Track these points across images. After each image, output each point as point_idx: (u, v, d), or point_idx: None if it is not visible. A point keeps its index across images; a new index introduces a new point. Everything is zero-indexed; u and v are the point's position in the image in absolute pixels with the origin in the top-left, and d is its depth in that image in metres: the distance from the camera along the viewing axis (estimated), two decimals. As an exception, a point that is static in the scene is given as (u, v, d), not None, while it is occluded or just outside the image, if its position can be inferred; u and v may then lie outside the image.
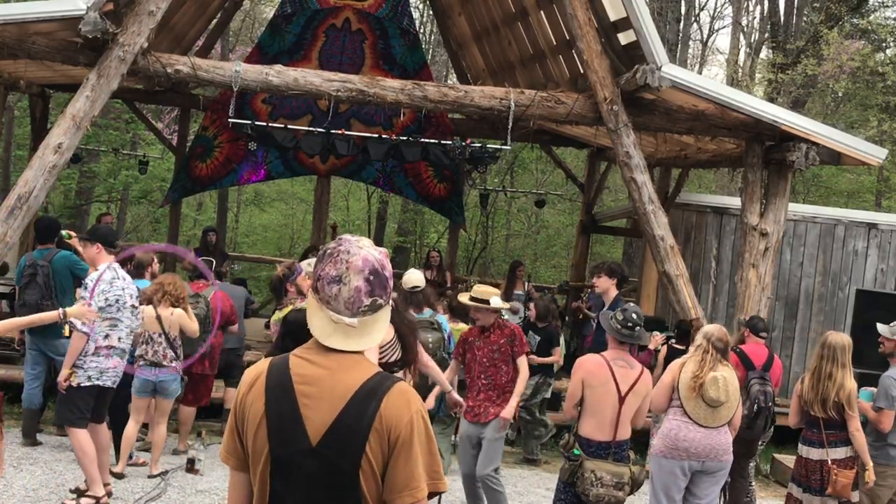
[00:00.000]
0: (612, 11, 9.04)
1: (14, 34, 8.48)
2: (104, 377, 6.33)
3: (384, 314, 2.40)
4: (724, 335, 5.96)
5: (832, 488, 6.02)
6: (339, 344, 2.33)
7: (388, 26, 12.48)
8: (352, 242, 2.38)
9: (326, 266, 2.35)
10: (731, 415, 5.87)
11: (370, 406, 2.26)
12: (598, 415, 5.48)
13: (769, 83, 19.37)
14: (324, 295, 2.35)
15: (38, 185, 8.30)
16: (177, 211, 14.54)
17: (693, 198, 12.50)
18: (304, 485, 2.29)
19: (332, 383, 2.30)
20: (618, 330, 5.55)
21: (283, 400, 2.31)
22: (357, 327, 2.34)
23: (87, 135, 10.43)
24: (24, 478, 6.88)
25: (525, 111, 9.15)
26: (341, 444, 2.26)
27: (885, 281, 11.42)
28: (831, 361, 6.07)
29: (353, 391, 2.28)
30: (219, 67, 9.04)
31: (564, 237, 23.11)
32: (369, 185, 18.24)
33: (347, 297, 2.32)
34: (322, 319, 2.35)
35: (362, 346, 2.36)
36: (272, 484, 2.32)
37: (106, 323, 6.29)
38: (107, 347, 6.31)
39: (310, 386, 2.31)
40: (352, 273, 2.33)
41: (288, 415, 2.30)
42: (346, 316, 2.33)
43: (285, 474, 2.30)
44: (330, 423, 2.27)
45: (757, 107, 9.11)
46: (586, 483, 5.41)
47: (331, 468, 2.26)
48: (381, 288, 2.35)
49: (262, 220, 26.35)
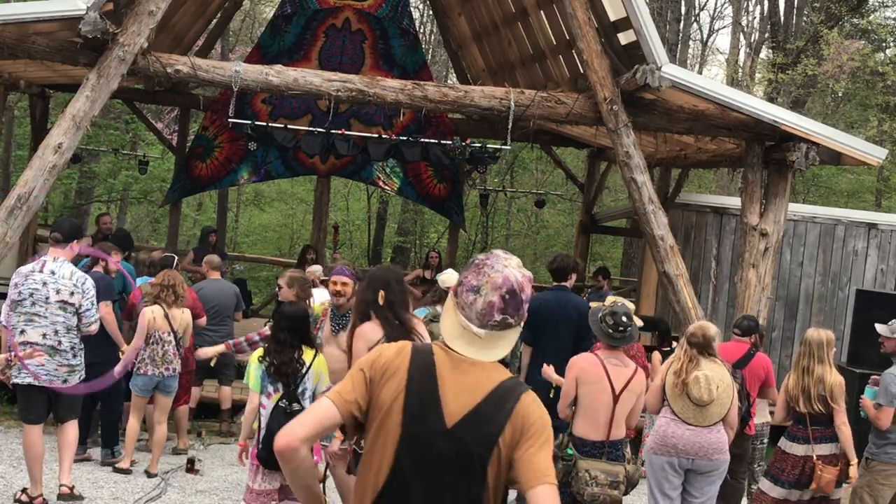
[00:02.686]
0: (612, 11, 9.04)
1: (14, 34, 8.48)
2: (22, 374, 6.14)
3: (511, 334, 2.50)
4: (704, 332, 5.89)
5: (816, 484, 6.05)
6: (460, 348, 2.47)
7: (388, 26, 12.48)
8: (499, 258, 2.50)
9: (469, 275, 2.49)
10: (724, 413, 5.84)
11: (508, 401, 2.42)
12: (593, 414, 5.48)
13: (769, 83, 19.37)
14: (461, 300, 2.48)
15: (38, 185, 8.29)
16: (177, 211, 14.53)
17: (693, 198, 12.50)
18: (435, 465, 2.40)
19: (474, 376, 2.45)
20: (610, 335, 5.55)
21: (426, 381, 2.44)
22: (483, 339, 2.46)
23: (87, 135, 10.44)
24: (24, 478, 6.87)
25: (525, 111, 9.15)
26: (478, 431, 2.40)
27: (885, 281, 11.42)
28: (808, 357, 6.21)
29: (494, 385, 2.43)
30: (219, 67, 9.04)
31: (564, 237, 23.12)
32: (369, 185, 18.23)
33: (481, 308, 2.44)
34: (453, 322, 2.49)
35: (483, 357, 2.47)
36: (398, 458, 2.42)
37: (22, 318, 6.12)
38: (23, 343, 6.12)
39: (453, 374, 2.44)
40: (489, 287, 2.44)
41: (428, 396, 2.42)
42: (475, 325, 2.45)
43: (417, 452, 2.41)
44: (468, 410, 2.41)
45: (757, 107, 9.11)
46: (581, 483, 5.41)
47: (464, 452, 2.39)
48: (515, 308, 2.46)
49: (262, 220, 26.35)
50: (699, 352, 5.83)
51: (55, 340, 6.15)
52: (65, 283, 6.14)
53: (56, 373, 6.18)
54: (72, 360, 6.24)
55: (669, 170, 12.78)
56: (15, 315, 6.14)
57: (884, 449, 6.36)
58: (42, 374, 6.13)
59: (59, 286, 6.13)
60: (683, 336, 6.04)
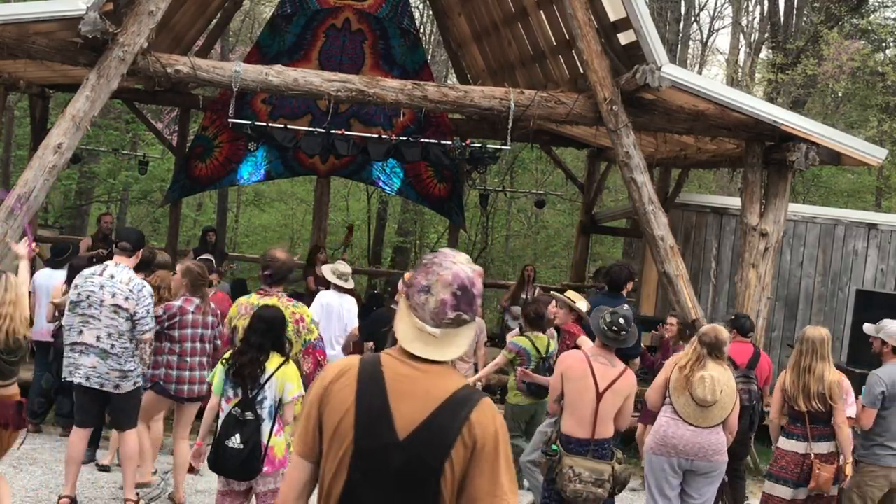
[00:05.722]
0: (612, 11, 9.04)
1: (14, 34, 8.48)
2: (76, 374, 6.26)
3: (467, 330, 2.47)
4: (717, 334, 5.94)
5: (815, 482, 6.06)
6: (418, 350, 2.42)
7: (388, 26, 12.47)
8: (447, 256, 2.47)
9: (419, 275, 2.45)
10: (725, 416, 5.86)
11: (462, 412, 2.36)
12: (578, 411, 5.50)
13: (769, 83, 19.37)
14: (413, 302, 2.44)
15: (37, 185, 8.30)
16: (176, 211, 14.54)
17: (693, 198, 12.50)
18: (386, 479, 2.36)
19: (426, 385, 2.39)
20: (603, 331, 5.57)
21: (375, 394, 2.39)
22: (439, 338, 2.42)
23: (87, 135, 10.43)
24: (24, 478, 6.88)
25: (525, 111, 9.14)
26: (430, 443, 2.34)
27: (884, 281, 11.42)
28: (811, 355, 6.19)
29: (448, 395, 2.38)
30: (219, 67, 9.04)
31: (564, 237, 23.10)
32: (369, 185, 18.23)
33: (433, 307, 2.41)
34: (408, 325, 2.45)
35: (441, 356, 2.43)
36: (350, 475, 2.37)
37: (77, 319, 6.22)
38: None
39: (402, 384, 2.39)
40: (440, 286, 2.41)
41: (378, 409, 2.37)
42: (430, 326, 2.41)
43: (368, 466, 2.37)
44: (421, 421, 2.35)
45: (757, 107, 9.11)
46: (564, 479, 5.42)
47: (415, 464, 2.34)
48: (468, 304, 2.43)
49: (262, 221, 26.32)
50: (709, 352, 5.85)
51: (108, 344, 6.22)
52: (120, 288, 6.22)
53: (108, 377, 6.23)
54: (123, 365, 6.27)
55: (669, 170, 12.78)
56: (72, 316, 6.26)
57: (871, 450, 6.38)
58: (94, 377, 6.20)
59: (115, 290, 6.22)
60: (695, 336, 6.07)
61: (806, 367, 6.18)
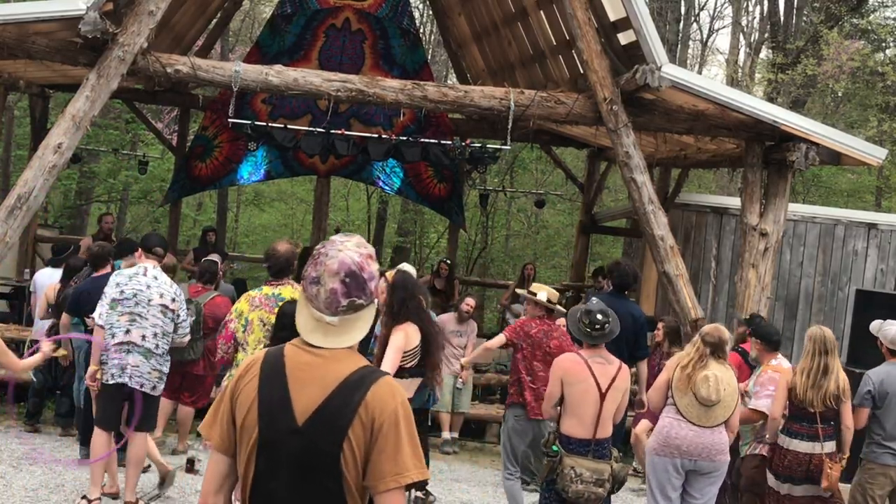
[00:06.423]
0: (612, 11, 9.04)
1: (14, 34, 8.48)
2: (118, 376, 6.19)
3: (366, 313, 2.48)
4: (720, 333, 5.94)
5: (827, 482, 6.05)
6: (318, 341, 2.43)
7: (388, 26, 12.48)
8: (334, 244, 2.47)
9: (309, 267, 2.46)
10: (728, 415, 5.85)
11: (357, 393, 2.35)
12: (580, 413, 5.49)
13: (769, 83, 19.36)
14: (308, 294, 2.46)
15: (37, 185, 8.30)
16: (176, 211, 14.54)
17: (693, 198, 12.50)
18: (287, 464, 2.37)
19: (323, 370, 2.40)
20: (588, 334, 5.55)
21: (276, 383, 2.41)
22: (337, 325, 2.43)
23: (86, 135, 10.44)
24: (24, 478, 6.88)
25: (525, 111, 9.15)
26: (325, 426, 2.34)
27: (884, 281, 11.42)
28: (824, 354, 6.12)
29: (343, 378, 2.38)
30: (219, 67, 9.04)
31: (564, 237, 23.09)
32: (369, 185, 18.23)
33: (325, 297, 2.42)
34: (307, 316, 2.46)
35: (341, 343, 2.44)
36: (257, 463, 2.40)
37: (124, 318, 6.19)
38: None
39: (302, 372, 2.41)
40: (327, 275, 2.42)
41: (278, 397, 2.40)
42: (327, 315, 2.42)
43: (270, 454, 2.39)
44: (316, 406, 2.36)
45: (757, 107, 9.11)
46: (565, 479, 5.41)
47: (313, 449, 2.35)
48: (359, 289, 2.43)
49: (262, 220, 26.33)
50: (711, 352, 5.84)
51: (152, 343, 6.23)
52: (166, 290, 6.29)
53: (148, 377, 6.23)
54: (162, 366, 6.30)
55: (669, 170, 12.78)
56: (115, 314, 6.19)
57: (871, 448, 6.43)
58: (136, 376, 6.17)
59: (163, 290, 6.27)
60: (697, 335, 6.05)
61: (823, 367, 6.09)
